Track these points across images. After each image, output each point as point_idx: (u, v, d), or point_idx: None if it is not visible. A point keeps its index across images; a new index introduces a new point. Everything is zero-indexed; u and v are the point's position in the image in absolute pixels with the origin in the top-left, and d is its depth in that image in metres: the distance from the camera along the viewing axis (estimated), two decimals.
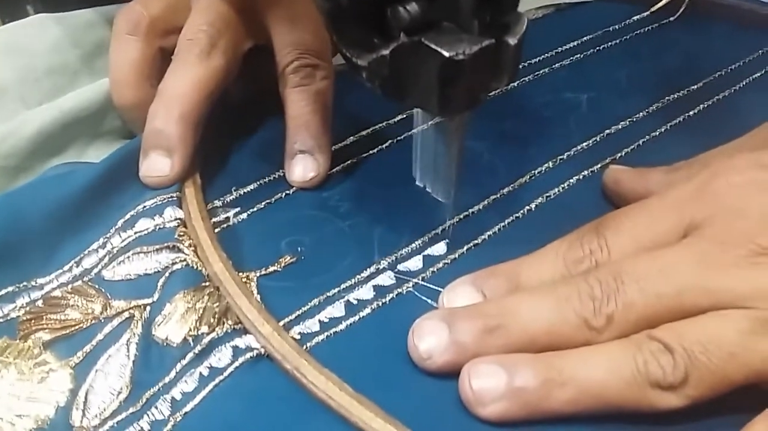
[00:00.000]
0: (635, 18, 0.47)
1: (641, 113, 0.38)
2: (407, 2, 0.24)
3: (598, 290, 0.24)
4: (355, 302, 0.28)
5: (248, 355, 0.25)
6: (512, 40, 0.24)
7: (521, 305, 0.25)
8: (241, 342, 0.25)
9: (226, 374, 0.24)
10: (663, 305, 0.23)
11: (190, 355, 0.25)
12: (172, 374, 0.24)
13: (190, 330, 0.25)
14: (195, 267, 0.27)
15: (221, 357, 0.25)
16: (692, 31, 0.46)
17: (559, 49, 0.44)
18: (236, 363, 0.24)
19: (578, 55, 0.43)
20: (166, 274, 0.27)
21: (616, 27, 0.46)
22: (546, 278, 0.26)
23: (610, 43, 0.45)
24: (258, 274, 0.29)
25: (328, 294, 0.28)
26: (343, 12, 0.24)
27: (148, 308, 0.26)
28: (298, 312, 0.27)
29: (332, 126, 0.35)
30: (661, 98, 0.39)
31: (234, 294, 0.26)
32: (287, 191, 0.33)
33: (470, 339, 0.24)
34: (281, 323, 0.26)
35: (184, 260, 0.28)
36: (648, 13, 0.48)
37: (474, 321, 0.25)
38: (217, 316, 0.25)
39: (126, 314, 0.26)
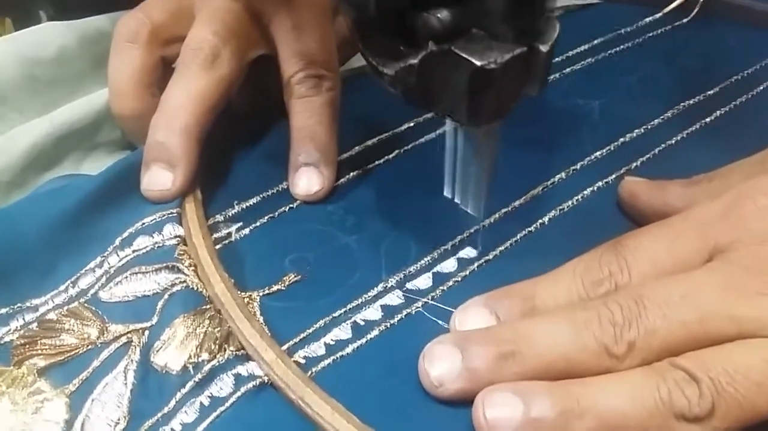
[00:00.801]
0: (648, 20, 0.46)
1: (656, 120, 0.37)
2: (437, 9, 0.23)
3: (619, 315, 0.23)
4: (362, 323, 0.27)
5: (251, 384, 0.24)
6: (544, 47, 0.23)
7: (537, 330, 0.24)
8: (243, 369, 0.24)
9: (228, 404, 0.23)
10: (687, 333, 0.22)
11: (190, 384, 0.23)
12: (172, 404, 0.23)
13: (191, 356, 0.24)
14: (195, 289, 0.26)
15: (223, 386, 0.23)
16: (706, 34, 0.45)
17: (570, 53, 0.43)
18: (238, 393, 0.23)
19: (589, 60, 0.42)
20: (166, 296, 0.26)
21: (628, 29, 0.45)
22: (562, 300, 0.25)
23: (621, 47, 0.43)
24: (261, 294, 0.28)
25: (334, 315, 0.27)
26: (369, 20, 0.24)
27: (146, 332, 0.25)
28: (303, 335, 0.26)
29: (337, 135, 0.34)
30: (677, 104, 0.38)
31: (236, 318, 0.25)
32: (291, 205, 0.32)
33: (484, 365, 0.23)
34: (285, 346, 0.25)
35: (184, 281, 0.26)
36: (661, 14, 0.46)
37: (488, 347, 0.24)
38: (218, 342, 0.24)
39: (123, 339, 0.25)
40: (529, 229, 0.31)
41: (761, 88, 0.39)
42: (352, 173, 0.34)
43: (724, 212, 0.23)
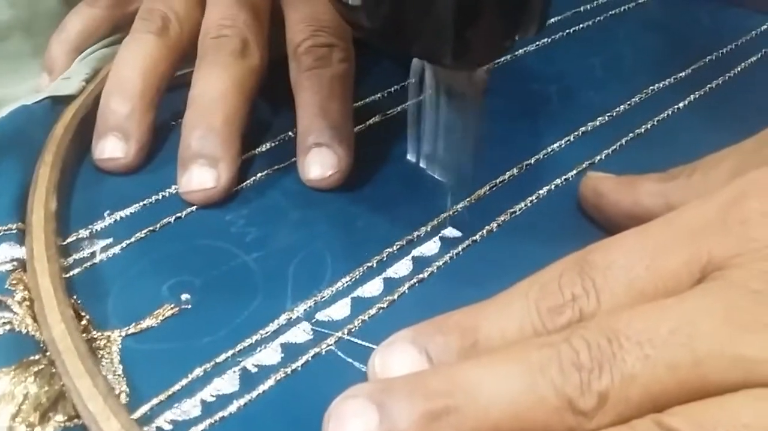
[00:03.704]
0: None
1: (621, 107, 0.32)
2: None
3: (586, 356, 0.17)
4: (254, 370, 0.20)
5: None
6: None
7: (479, 378, 0.18)
8: None
9: None
10: (677, 380, 0.16)
11: None
12: None
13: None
14: (26, 331, 0.20)
15: None
16: (674, 11, 0.40)
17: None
18: None
19: (545, 40, 0.37)
20: None
21: (588, 7, 0.40)
22: (513, 333, 0.19)
23: (581, 26, 0.38)
24: (124, 333, 0.21)
25: (217, 360, 0.20)
26: None
27: None
28: (173, 389, 0.20)
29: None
30: (644, 89, 0.33)
31: (73, 372, 0.18)
32: (179, 214, 0.26)
33: (409, 427, 0.17)
34: (144, 408, 0.19)
35: (9, 321, 0.20)
36: None
37: (414, 402, 0.17)
38: (43, 407, 0.18)
39: None
40: (474, 238, 0.25)
41: (738, 69, 0.35)
42: (259, 174, 0.28)
43: (720, 217, 0.18)
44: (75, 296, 0.22)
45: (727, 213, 0.18)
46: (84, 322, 0.21)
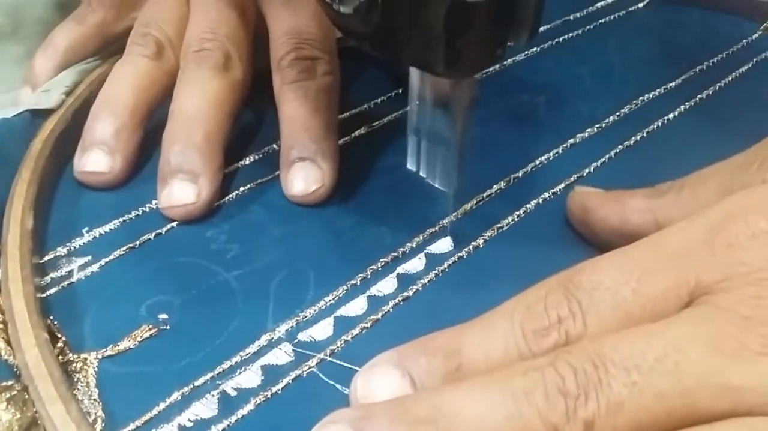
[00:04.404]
0: (599, 5, 0.40)
1: (611, 118, 0.31)
2: None
3: (572, 381, 0.16)
4: (233, 393, 0.20)
5: None
6: None
7: (463, 404, 0.17)
8: None
9: None
10: (664, 408, 0.16)
11: None
12: None
13: None
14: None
15: None
16: (665, 19, 0.40)
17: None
18: None
19: (534, 49, 0.36)
20: None
21: (578, 15, 0.39)
22: (497, 356, 0.19)
23: (570, 35, 0.38)
24: (101, 355, 0.21)
25: (196, 383, 0.20)
26: None
27: None
28: (150, 414, 0.19)
29: (227, 144, 0.28)
30: (633, 99, 0.33)
31: (46, 398, 0.18)
32: (159, 230, 0.25)
33: None
34: (125, 430, 0.18)
35: None
36: None
37: (396, 429, 0.17)
38: None
39: None
40: (460, 254, 0.25)
41: (729, 79, 0.34)
42: (241, 188, 0.27)
43: (707, 239, 0.17)
44: (51, 317, 0.22)
45: (714, 235, 0.17)
46: (60, 344, 0.21)
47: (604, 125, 0.31)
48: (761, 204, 0.17)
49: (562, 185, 0.27)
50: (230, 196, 0.27)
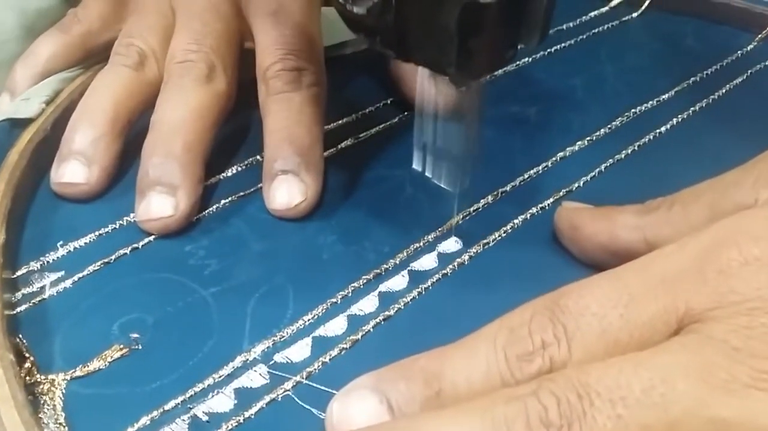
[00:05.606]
0: (592, 15, 0.40)
1: (602, 130, 0.31)
2: None
3: (554, 412, 0.16)
4: (205, 417, 0.19)
5: None
6: None
7: None
8: None
9: None
10: None
11: None
12: None
13: None
14: None
15: None
16: (658, 30, 0.39)
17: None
18: None
19: (525, 60, 0.36)
20: None
21: (570, 25, 0.39)
22: (479, 382, 0.18)
23: (562, 45, 0.37)
24: (69, 377, 0.20)
25: (166, 407, 0.19)
26: None
27: None
28: None
29: (210, 155, 0.27)
30: (625, 111, 0.32)
31: (8, 424, 0.17)
32: (135, 245, 0.24)
33: None
34: None
35: None
36: (607, 8, 0.40)
37: None
38: None
39: None
40: (444, 271, 0.24)
41: (722, 91, 0.34)
42: (222, 201, 0.27)
43: (697, 265, 0.17)
44: (20, 335, 0.21)
45: (705, 261, 0.17)
46: (28, 364, 0.20)
47: (594, 138, 0.30)
48: (753, 229, 0.17)
49: (551, 200, 0.27)
50: (210, 209, 0.26)
